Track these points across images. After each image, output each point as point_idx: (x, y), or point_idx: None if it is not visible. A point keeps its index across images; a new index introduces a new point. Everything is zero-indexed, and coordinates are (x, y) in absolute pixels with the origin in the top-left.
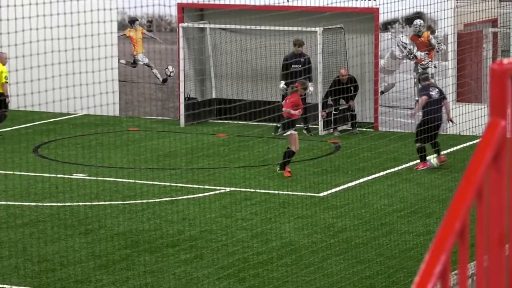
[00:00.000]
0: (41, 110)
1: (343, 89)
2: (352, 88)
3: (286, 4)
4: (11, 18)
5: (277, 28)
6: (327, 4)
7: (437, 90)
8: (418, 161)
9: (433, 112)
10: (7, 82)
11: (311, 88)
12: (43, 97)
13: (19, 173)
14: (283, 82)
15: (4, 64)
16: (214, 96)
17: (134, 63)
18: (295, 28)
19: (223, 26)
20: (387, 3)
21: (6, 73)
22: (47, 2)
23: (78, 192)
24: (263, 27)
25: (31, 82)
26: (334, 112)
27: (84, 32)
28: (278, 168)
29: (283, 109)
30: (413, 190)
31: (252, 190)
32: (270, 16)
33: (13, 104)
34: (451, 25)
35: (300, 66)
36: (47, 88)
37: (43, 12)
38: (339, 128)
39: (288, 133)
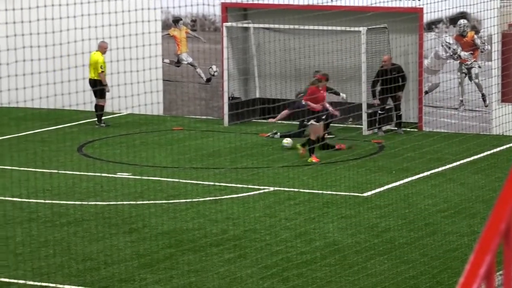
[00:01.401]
0: (86, 109)
1: (389, 79)
2: (399, 78)
3: (330, 3)
4: (56, 17)
5: (320, 27)
6: (371, 4)
7: None
8: (463, 161)
9: None
10: (103, 72)
11: (343, 95)
12: (87, 96)
13: (63, 172)
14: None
15: (103, 53)
16: (257, 95)
17: (178, 62)
18: (338, 28)
19: (266, 25)
20: (431, 3)
21: (103, 62)
22: (91, 2)
23: (122, 191)
24: (306, 27)
25: (76, 81)
26: (380, 112)
27: (128, 31)
28: (300, 145)
29: (303, 102)
30: (457, 190)
31: (296, 189)
32: (313, 15)
33: (58, 103)
34: (495, 25)
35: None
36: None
37: (88, 11)
38: (384, 128)
39: (309, 123)
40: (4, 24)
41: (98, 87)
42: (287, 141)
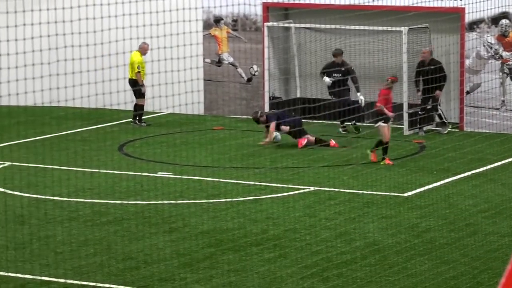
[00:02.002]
0: (127, 108)
1: (428, 74)
2: (440, 78)
3: (371, 3)
4: (97, 17)
5: (362, 27)
6: (413, 4)
7: None
8: (504, 161)
9: None
10: (139, 72)
11: (361, 97)
12: (128, 95)
13: (104, 171)
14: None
15: (143, 54)
16: (298, 95)
17: (219, 62)
18: (380, 28)
19: (308, 25)
20: (473, 3)
21: (140, 63)
22: (133, 1)
23: (163, 191)
24: (348, 27)
25: (117, 81)
26: (420, 112)
27: (170, 31)
28: (370, 151)
29: (377, 104)
30: (498, 190)
31: (336, 189)
32: (355, 15)
33: (99, 102)
34: None
35: (340, 74)
36: None
37: (129, 11)
38: (424, 128)
39: (377, 125)
40: (46, 24)
41: (136, 87)
42: (278, 133)
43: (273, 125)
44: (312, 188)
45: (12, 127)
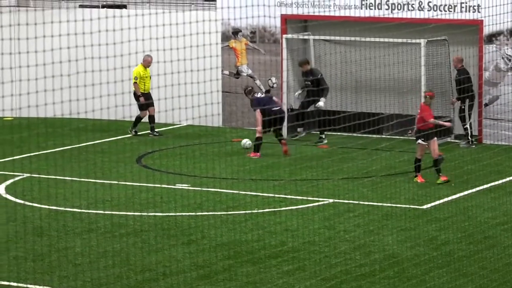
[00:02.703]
0: (146, 120)
1: (459, 82)
2: (462, 89)
3: (390, 16)
4: (117, 28)
5: (381, 39)
6: (432, 16)
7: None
8: None
9: None
10: (135, 83)
11: (321, 103)
12: (160, 107)
13: (123, 183)
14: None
15: (146, 67)
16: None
17: (238, 74)
18: (399, 40)
19: (326, 37)
20: (491, 15)
21: (137, 73)
22: (152, 14)
23: (181, 202)
24: (367, 39)
25: None
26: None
27: (189, 43)
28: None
29: (431, 120)
30: None
31: (355, 202)
32: (374, 27)
33: (119, 114)
34: None
35: (310, 83)
36: (152, 98)
37: (149, 23)
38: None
39: (417, 142)
40: (66, 36)
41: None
42: (247, 142)
43: (258, 113)
44: (330, 201)
45: (32, 138)
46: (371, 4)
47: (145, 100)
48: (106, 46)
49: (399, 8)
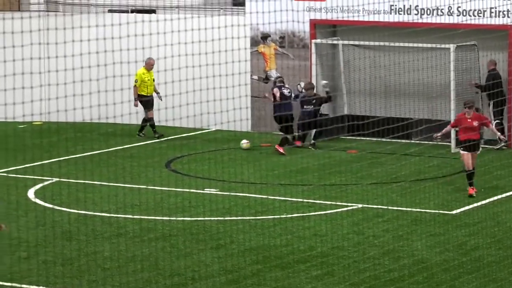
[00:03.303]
0: (175, 125)
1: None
2: (493, 94)
3: (419, 21)
4: (145, 33)
5: (410, 44)
6: (461, 21)
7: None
8: None
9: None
10: (135, 86)
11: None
12: (177, 112)
13: (152, 187)
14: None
15: (148, 70)
16: (346, 112)
17: (267, 79)
18: (428, 45)
19: (355, 42)
20: None
21: (139, 76)
22: (181, 18)
23: (210, 207)
24: (396, 44)
25: (165, 97)
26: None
27: (218, 48)
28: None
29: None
30: None
31: (384, 207)
32: (403, 32)
33: None
34: None
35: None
36: (181, 103)
37: (178, 28)
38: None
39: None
40: (94, 40)
41: (143, 100)
42: (245, 142)
43: (275, 91)
44: (359, 206)
45: (61, 143)
46: (400, 9)
47: (149, 104)
48: (135, 51)
49: (428, 13)
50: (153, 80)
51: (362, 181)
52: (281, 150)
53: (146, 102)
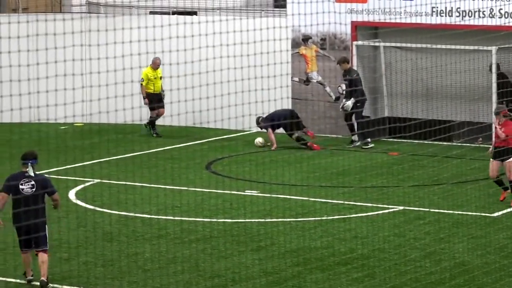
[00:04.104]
0: (216, 126)
1: None
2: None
3: (461, 23)
4: (188, 35)
5: (452, 46)
6: (503, 23)
7: None
8: None
9: None
10: (141, 85)
11: (348, 103)
12: (218, 113)
13: (192, 189)
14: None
15: (154, 69)
16: (387, 114)
17: (307, 80)
18: (470, 47)
19: (397, 44)
20: None
21: (145, 75)
22: (223, 20)
23: (251, 209)
24: (438, 46)
25: (207, 99)
26: None
27: (259, 49)
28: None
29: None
30: None
31: (425, 209)
32: (445, 35)
33: (189, 120)
34: None
35: (347, 82)
36: (222, 105)
37: (220, 30)
38: None
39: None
40: (137, 42)
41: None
42: (259, 141)
43: (269, 131)
44: (400, 208)
45: (102, 144)
46: (442, 11)
47: (155, 101)
48: (177, 53)
49: (470, 15)
50: (160, 78)
51: (403, 183)
52: (314, 146)
53: (156, 100)
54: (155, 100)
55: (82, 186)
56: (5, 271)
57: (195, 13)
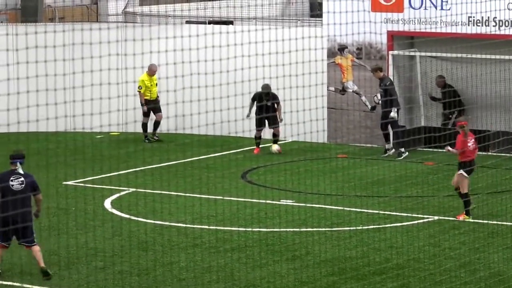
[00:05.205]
0: (251, 136)
1: None
2: None
3: (497, 32)
4: (223, 45)
5: (488, 56)
6: None
7: None
8: None
9: None
10: (139, 91)
11: (392, 114)
12: (253, 123)
13: (228, 198)
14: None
15: (150, 75)
16: (422, 124)
17: (343, 90)
18: (506, 57)
19: (433, 54)
20: None
21: (141, 82)
22: (258, 30)
23: (286, 218)
24: (474, 56)
25: (242, 108)
26: None
27: (295, 59)
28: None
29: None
30: None
31: (461, 219)
32: (480, 44)
33: (224, 130)
34: None
35: (382, 91)
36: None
37: (255, 39)
38: None
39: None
40: (172, 51)
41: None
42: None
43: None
44: (436, 218)
45: (138, 153)
46: (478, 21)
47: (152, 107)
48: (212, 62)
49: (506, 25)
50: (156, 85)
51: (438, 193)
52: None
53: (153, 106)
54: (156, 107)
55: (117, 195)
56: None
57: (231, 22)
